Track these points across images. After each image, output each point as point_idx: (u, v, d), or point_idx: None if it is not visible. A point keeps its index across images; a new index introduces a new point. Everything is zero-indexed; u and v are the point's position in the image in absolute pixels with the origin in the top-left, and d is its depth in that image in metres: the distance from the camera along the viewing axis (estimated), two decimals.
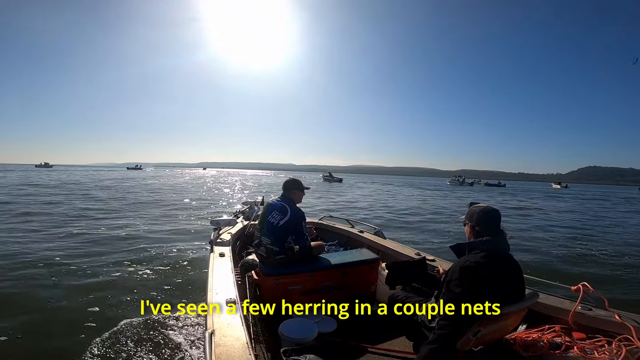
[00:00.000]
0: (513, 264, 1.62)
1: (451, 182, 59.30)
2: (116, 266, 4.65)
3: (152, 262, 4.88)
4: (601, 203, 25.93)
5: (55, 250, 5.35)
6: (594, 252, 6.97)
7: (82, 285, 3.87)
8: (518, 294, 1.61)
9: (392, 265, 2.38)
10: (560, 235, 8.96)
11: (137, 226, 7.81)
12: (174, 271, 4.52)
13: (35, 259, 4.75)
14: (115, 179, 34.34)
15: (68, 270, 4.36)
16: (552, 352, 1.66)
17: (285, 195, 2.77)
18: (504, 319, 1.55)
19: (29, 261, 4.65)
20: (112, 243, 6.04)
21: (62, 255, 5.05)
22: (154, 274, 4.39)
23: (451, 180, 61.22)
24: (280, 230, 2.57)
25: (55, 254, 5.10)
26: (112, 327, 2.95)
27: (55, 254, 5.10)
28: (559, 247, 7.31)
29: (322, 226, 4.39)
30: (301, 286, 2.52)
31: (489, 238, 1.57)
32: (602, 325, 1.76)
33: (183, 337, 2.78)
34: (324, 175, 57.63)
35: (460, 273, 1.48)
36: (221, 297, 1.77)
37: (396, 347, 2.04)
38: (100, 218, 8.98)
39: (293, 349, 1.55)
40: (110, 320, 3.09)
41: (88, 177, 36.29)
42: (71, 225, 7.67)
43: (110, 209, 10.92)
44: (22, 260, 4.66)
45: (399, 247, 3.21)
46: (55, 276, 4.12)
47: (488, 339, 1.59)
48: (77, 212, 9.94)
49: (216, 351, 1.27)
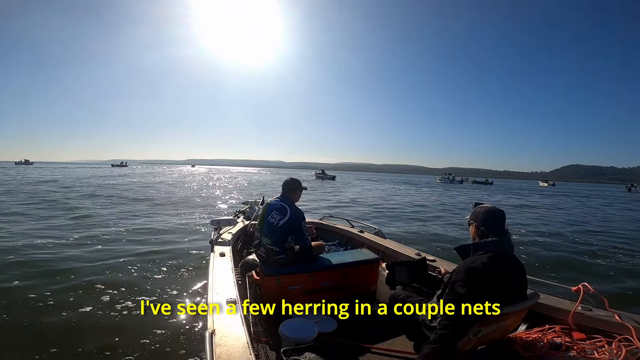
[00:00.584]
0: (517, 264, 1.63)
1: (441, 180, 59.30)
2: (116, 265, 4.66)
3: (152, 262, 4.88)
4: (593, 201, 26.17)
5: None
6: (594, 251, 6.97)
7: (78, 286, 3.87)
8: (520, 295, 1.61)
9: (392, 266, 2.38)
10: (559, 235, 8.95)
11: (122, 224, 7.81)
12: (174, 271, 4.52)
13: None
14: (96, 176, 32.87)
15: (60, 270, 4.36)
16: (552, 352, 1.66)
17: (285, 195, 2.77)
18: (505, 319, 1.56)
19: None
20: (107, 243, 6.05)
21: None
22: (154, 274, 4.39)
23: (441, 178, 61.25)
24: (280, 231, 2.57)
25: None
26: (112, 328, 2.95)
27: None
28: (559, 247, 7.30)
29: (322, 226, 4.40)
30: (301, 286, 2.52)
31: (495, 239, 1.58)
32: (602, 326, 1.76)
33: (183, 337, 2.78)
34: (317, 172, 55.52)
35: (466, 274, 1.49)
36: (221, 297, 1.77)
37: (396, 347, 2.04)
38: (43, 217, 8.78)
39: (293, 349, 1.55)
40: (110, 320, 3.09)
41: (63, 174, 33.88)
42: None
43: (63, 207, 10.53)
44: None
45: (399, 247, 3.22)
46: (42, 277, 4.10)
47: (489, 339, 1.59)
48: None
49: (216, 351, 1.27)
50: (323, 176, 50.10)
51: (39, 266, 4.48)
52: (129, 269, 4.54)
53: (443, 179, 59.52)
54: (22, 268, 4.38)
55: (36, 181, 22.50)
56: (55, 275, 4.16)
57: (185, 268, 4.65)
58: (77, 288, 3.79)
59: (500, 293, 1.49)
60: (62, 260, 4.78)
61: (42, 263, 4.60)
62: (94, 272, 4.34)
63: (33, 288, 3.73)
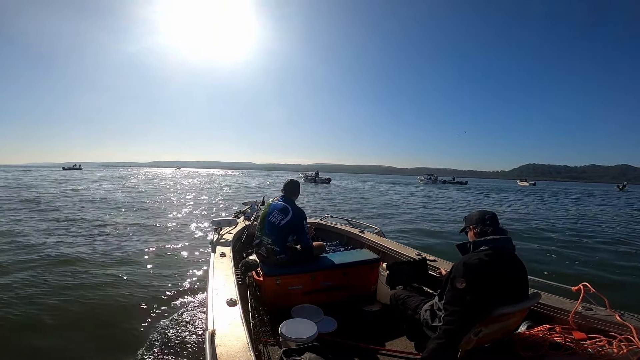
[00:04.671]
0: (518, 263, 1.64)
1: (423, 180, 58.60)
2: (115, 266, 4.66)
3: (151, 262, 4.89)
4: (591, 201, 25.90)
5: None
6: (594, 251, 6.96)
7: (76, 287, 3.86)
8: (521, 294, 1.62)
9: (393, 266, 2.38)
10: (558, 235, 8.93)
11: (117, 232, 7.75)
12: (174, 271, 4.52)
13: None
14: (32, 180, 27.50)
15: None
16: (552, 352, 1.66)
17: (286, 195, 2.78)
18: (506, 318, 1.56)
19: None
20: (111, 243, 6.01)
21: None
22: (154, 274, 4.39)
23: (423, 178, 60.46)
24: (282, 230, 2.58)
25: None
26: (112, 328, 2.95)
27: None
28: (559, 247, 7.29)
29: (322, 226, 4.40)
30: (302, 286, 2.52)
31: (494, 237, 1.60)
32: (603, 326, 1.76)
33: (183, 337, 2.78)
34: (307, 175, 45.03)
35: (464, 269, 1.51)
36: (222, 297, 1.77)
37: (396, 347, 2.04)
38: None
39: (293, 349, 1.55)
40: (110, 320, 3.09)
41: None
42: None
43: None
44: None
45: (400, 248, 3.22)
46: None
47: (490, 338, 1.59)
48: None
49: (217, 351, 1.27)
50: (315, 179, 42.43)
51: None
52: (129, 268, 4.55)
53: (425, 180, 58.56)
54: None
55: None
56: (58, 269, 4.16)
57: (186, 268, 4.65)
58: (75, 287, 3.79)
59: (498, 290, 1.51)
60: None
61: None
62: (94, 272, 4.35)
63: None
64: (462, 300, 1.46)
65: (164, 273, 4.45)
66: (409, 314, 2.02)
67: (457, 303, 1.47)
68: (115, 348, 2.65)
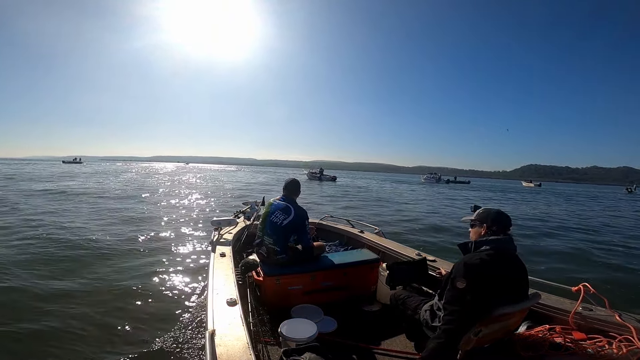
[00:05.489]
0: (519, 263, 1.64)
1: (426, 179, 57.86)
2: (115, 265, 4.66)
3: (151, 262, 4.89)
4: (605, 203, 25.75)
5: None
6: (594, 252, 6.96)
7: (75, 287, 3.87)
8: (521, 294, 1.62)
9: (393, 266, 2.38)
10: (561, 236, 8.94)
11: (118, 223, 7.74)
12: (174, 271, 4.52)
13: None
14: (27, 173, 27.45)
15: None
16: (552, 352, 1.66)
17: (288, 195, 2.78)
18: (506, 318, 1.56)
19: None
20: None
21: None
22: (154, 274, 4.39)
23: (426, 177, 59.76)
24: (284, 230, 2.58)
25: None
26: (111, 328, 2.95)
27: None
28: (559, 248, 7.29)
29: (322, 226, 4.40)
30: (302, 286, 2.52)
31: (496, 237, 1.60)
32: (603, 326, 1.76)
33: (183, 337, 2.78)
34: (311, 172, 43.69)
35: (465, 269, 1.51)
36: (222, 297, 1.77)
37: (396, 347, 2.04)
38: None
39: (293, 349, 1.55)
40: (109, 320, 3.09)
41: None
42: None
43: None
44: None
45: (400, 248, 3.22)
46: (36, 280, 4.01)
47: (490, 338, 1.59)
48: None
49: (217, 351, 1.27)
50: (320, 176, 41.03)
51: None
52: (128, 268, 4.55)
53: (428, 178, 57.94)
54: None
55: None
56: (57, 269, 4.16)
57: (186, 268, 4.65)
58: (75, 286, 3.79)
59: (500, 290, 1.51)
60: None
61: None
62: (92, 272, 4.35)
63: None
64: (462, 300, 1.46)
65: (163, 273, 4.45)
66: (409, 314, 2.02)
67: (457, 303, 1.47)
68: (115, 348, 2.65)
